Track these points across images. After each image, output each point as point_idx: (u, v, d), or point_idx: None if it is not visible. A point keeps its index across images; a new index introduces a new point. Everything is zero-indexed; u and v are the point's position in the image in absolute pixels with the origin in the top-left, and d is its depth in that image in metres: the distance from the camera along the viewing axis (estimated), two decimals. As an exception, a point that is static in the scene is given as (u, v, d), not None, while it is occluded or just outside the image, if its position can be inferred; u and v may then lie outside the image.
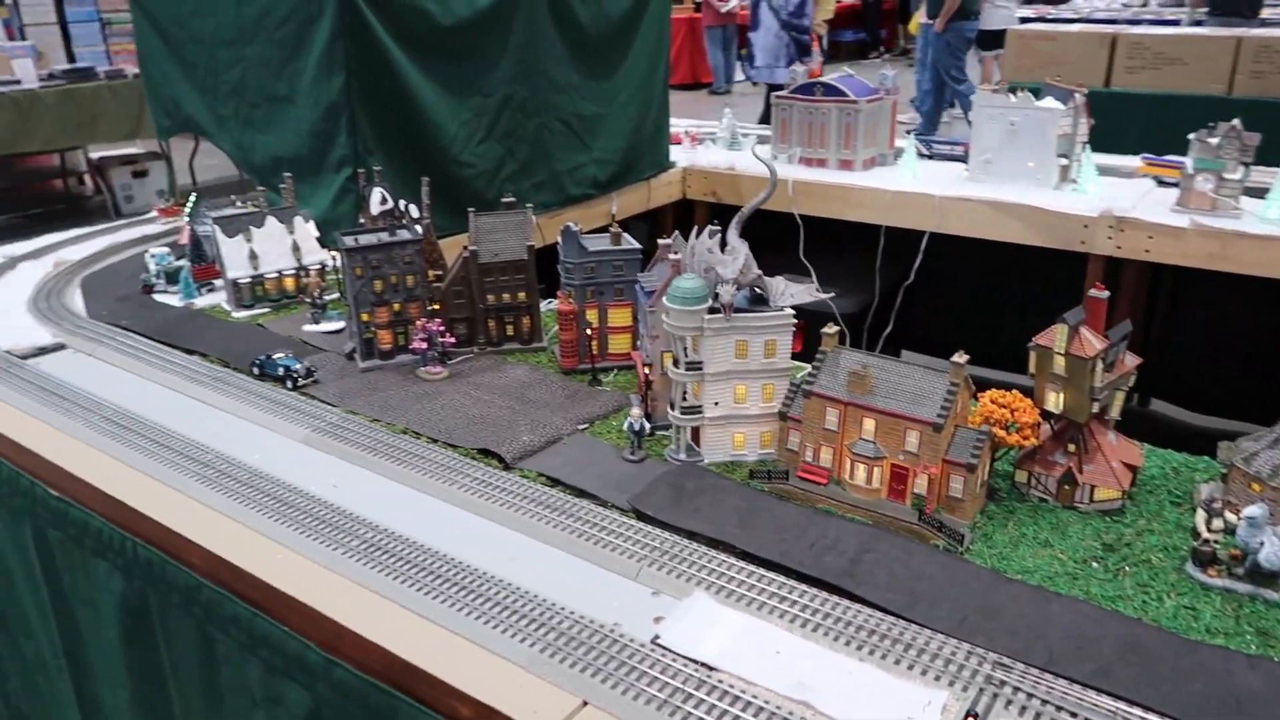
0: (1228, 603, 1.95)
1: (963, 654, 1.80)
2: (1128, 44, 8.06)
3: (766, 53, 10.37)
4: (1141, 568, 2.05)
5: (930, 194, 5.09)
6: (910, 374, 2.25)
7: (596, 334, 3.00)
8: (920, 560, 2.07)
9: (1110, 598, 1.96)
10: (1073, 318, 2.19)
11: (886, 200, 5.22)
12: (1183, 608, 1.93)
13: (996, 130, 5.10)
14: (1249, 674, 1.75)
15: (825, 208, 5.46)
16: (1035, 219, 4.77)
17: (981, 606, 1.93)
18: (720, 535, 2.17)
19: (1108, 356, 2.21)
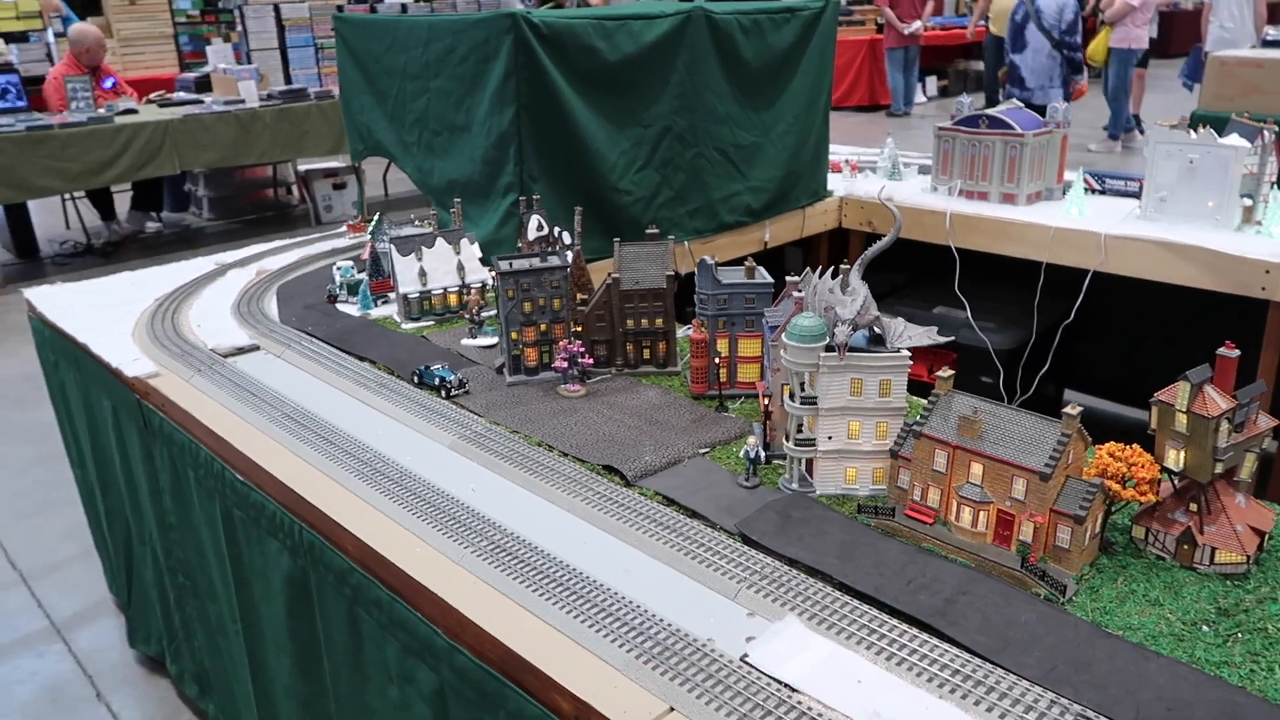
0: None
1: (1045, 703, 1.83)
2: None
3: (1038, 74, 10.28)
4: (1256, 636, 2.00)
5: (1096, 231, 4.93)
6: (1022, 421, 2.27)
7: (726, 362, 3.13)
8: (1017, 607, 2.09)
9: (1215, 663, 1.93)
10: (1196, 375, 2.16)
11: (1048, 236, 5.10)
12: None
13: (1174, 167, 4.89)
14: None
15: (984, 242, 5.38)
16: (1210, 262, 4.55)
17: (1074, 658, 1.94)
18: (819, 565, 2.26)
19: (1235, 416, 2.16)
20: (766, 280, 3.09)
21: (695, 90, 5.00)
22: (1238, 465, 2.24)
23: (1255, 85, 7.95)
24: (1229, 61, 8.30)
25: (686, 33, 4.82)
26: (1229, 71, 8.19)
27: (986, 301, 5.57)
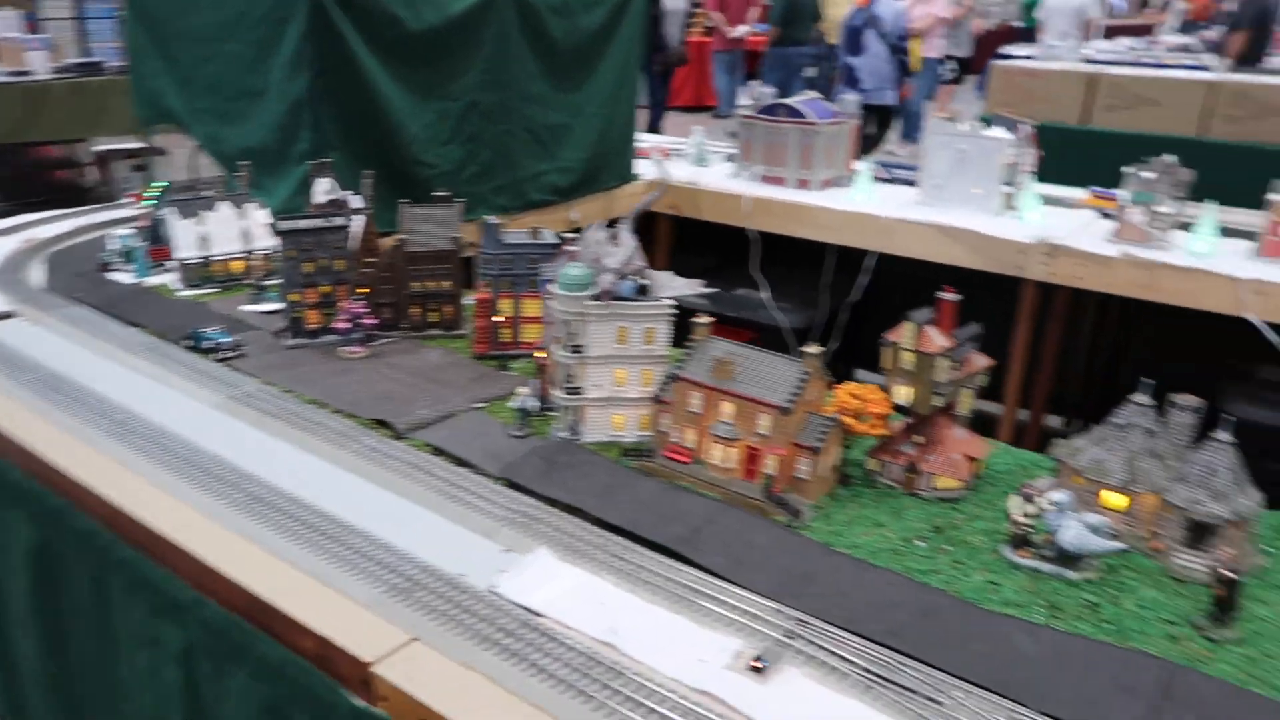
0: (1031, 580, 2.08)
1: (768, 611, 1.94)
2: (1107, 84, 8.22)
3: (876, 76, 10.90)
4: (961, 548, 2.19)
5: (879, 215, 5.24)
6: (772, 363, 2.40)
7: (510, 323, 3.16)
8: (757, 532, 2.22)
9: (924, 571, 2.10)
10: (920, 316, 2.34)
11: (838, 220, 5.38)
12: (988, 583, 2.07)
13: (947, 157, 5.26)
14: (1026, 639, 1.89)
15: (780, 224, 5.62)
16: (976, 243, 4.92)
17: (801, 574, 2.07)
18: (578, 503, 2.31)
19: (954, 355, 2.35)
20: (550, 240, 3.14)
21: (504, 67, 5.00)
22: (957, 400, 2.44)
23: (1033, 93, 8.68)
24: (1010, 71, 9.02)
25: (494, 8, 4.82)
26: (1010, 80, 8.90)
27: (784, 283, 5.84)
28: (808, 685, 1.76)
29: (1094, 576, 2.08)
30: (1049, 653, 1.84)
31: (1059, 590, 2.03)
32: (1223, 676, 1.82)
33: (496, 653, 1.81)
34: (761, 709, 1.69)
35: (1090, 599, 2.02)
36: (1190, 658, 1.86)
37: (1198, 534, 2.09)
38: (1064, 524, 2.05)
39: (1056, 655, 1.84)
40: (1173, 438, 2.21)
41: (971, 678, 1.77)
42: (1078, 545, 2.04)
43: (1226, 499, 2.08)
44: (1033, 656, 1.82)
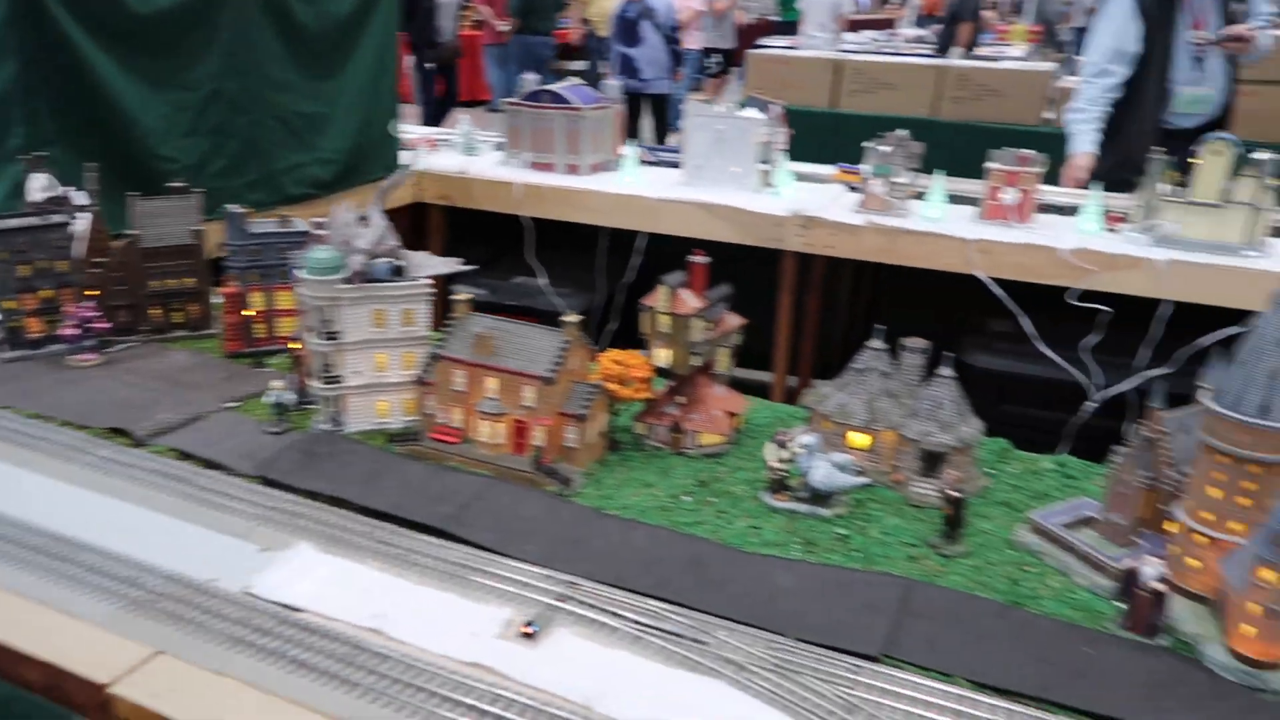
0: (789, 521, 2.19)
1: (539, 578, 1.94)
2: (850, 70, 8.79)
3: (654, 65, 11.04)
4: (725, 498, 2.27)
5: (647, 197, 5.35)
6: (532, 335, 2.39)
7: (262, 317, 2.98)
8: (527, 504, 2.20)
9: (690, 524, 2.16)
10: (673, 280, 2.40)
11: (608, 203, 5.45)
12: (750, 528, 2.16)
13: (706, 138, 5.45)
14: (785, 574, 1.98)
15: (553, 210, 5.64)
16: (737, 219, 5.13)
17: (571, 539, 2.08)
18: (340, 493, 2.22)
19: (707, 315, 2.43)
20: (300, 228, 2.99)
21: (247, 53, 4.71)
22: (714, 359, 2.53)
23: (786, 80, 9.15)
24: (764, 59, 9.47)
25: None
26: (765, 68, 9.35)
27: (561, 268, 5.87)
28: (578, 643, 1.77)
29: (844, 511, 2.22)
30: (804, 584, 1.95)
31: (814, 527, 2.15)
32: (954, 586, 1.98)
33: (252, 654, 1.71)
34: (533, 672, 1.69)
35: (841, 532, 2.15)
36: (927, 573, 2.02)
37: (930, 463, 2.28)
38: (814, 465, 2.17)
39: (811, 586, 1.94)
40: (905, 378, 2.39)
41: (734, 616, 1.85)
42: (827, 483, 2.17)
43: (952, 428, 2.28)
44: (790, 589, 1.92)
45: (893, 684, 1.70)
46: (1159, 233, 4.34)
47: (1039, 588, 1.99)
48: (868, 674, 1.72)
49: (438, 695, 1.63)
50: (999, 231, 4.70)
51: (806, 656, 1.76)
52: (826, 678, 1.70)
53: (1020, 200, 4.75)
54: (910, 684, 1.70)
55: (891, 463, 2.33)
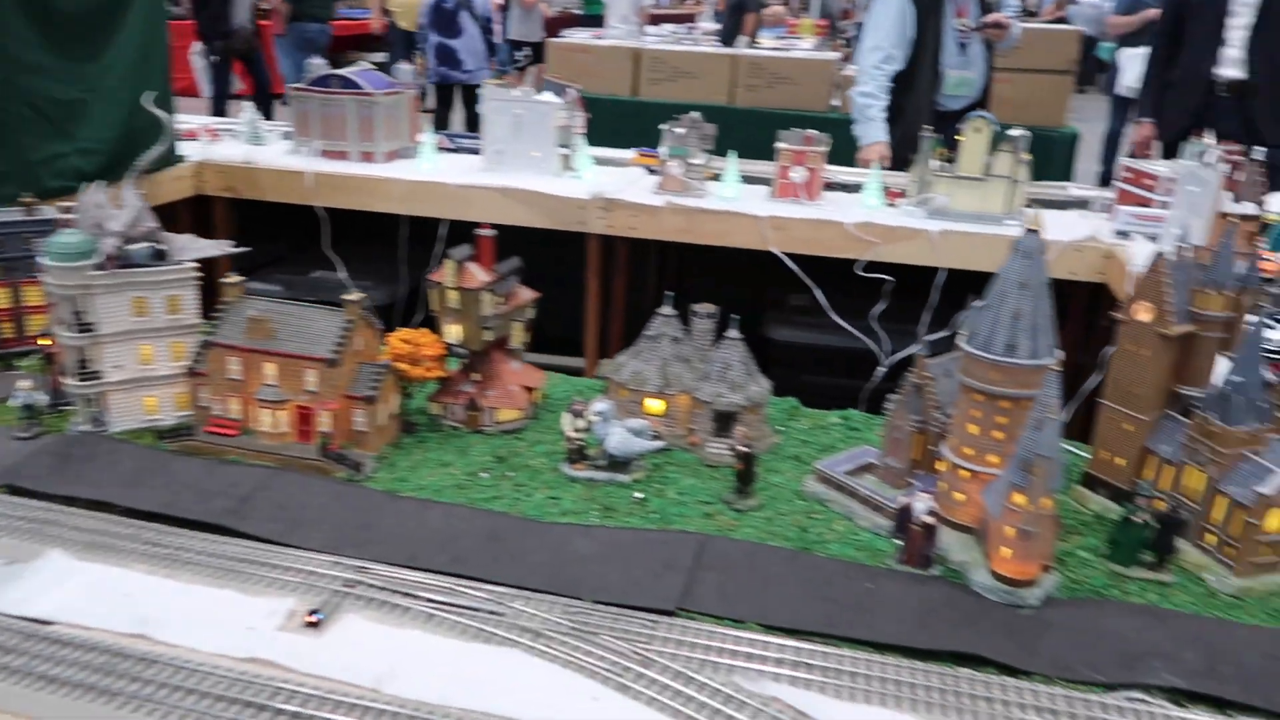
0: (588, 489, 2.18)
1: (325, 566, 1.84)
2: (649, 59, 8.93)
3: (475, 56, 10.83)
4: (523, 472, 2.24)
5: (447, 183, 5.23)
6: (312, 316, 2.27)
7: (9, 315, 2.69)
8: (314, 492, 2.09)
9: (487, 499, 2.12)
10: (459, 254, 2.34)
11: (406, 190, 5.29)
12: (549, 499, 2.13)
13: (505, 122, 5.37)
14: (583, 541, 1.98)
15: (349, 199, 5.41)
16: (539, 203, 5.09)
17: (361, 524, 1.99)
18: (102, 496, 2.03)
19: (497, 288, 2.38)
20: (48, 215, 2.71)
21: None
22: (508, 334, 2.49)
23: (588, 68, 9.19)
24: (565, 47, 9.48)
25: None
26: (566, 56, 9.36)
27: (361, 260, 5.65)
28: (368, 627, 1.70)
29: (641, 476, 2.24)
30: (602, 549, 1.95)
31: (612, 494, 2.16)
32: (747, 538, 2.04)
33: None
34: (318, 661, 1.60)
35: (639, 495, 2.16)
36: (722, 529, 2.07)
37: (723, 423, 2.33)
38: (609, 432, 2.17)
39: (608, 550, 1.95)
40: (696, 343, 2.44)
41: (532, 585, 1.82)
42: (623, 449, 2.18)
43: (742, 388, 2.34)
44: (588, 555, 1.92)
45: (688, 635, 1.72)
46: (931, 206, 4.64)
47: (825, 533, 2.08)
48: (664, 628, 1.74)
49: (211, 695, 1.52)
50: (790, 209, 4.89)
51: (604, 617, 1.76)
52: (623, 636, 1.70)
53: (808, 178, 4.96)
54: (705, 633, 1.73)
55: (687, 426, 2.37)
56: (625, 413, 2.28)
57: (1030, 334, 1.88)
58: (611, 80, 8.69)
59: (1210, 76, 5.89)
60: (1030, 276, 1.88)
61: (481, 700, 1.54)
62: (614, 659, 1.63)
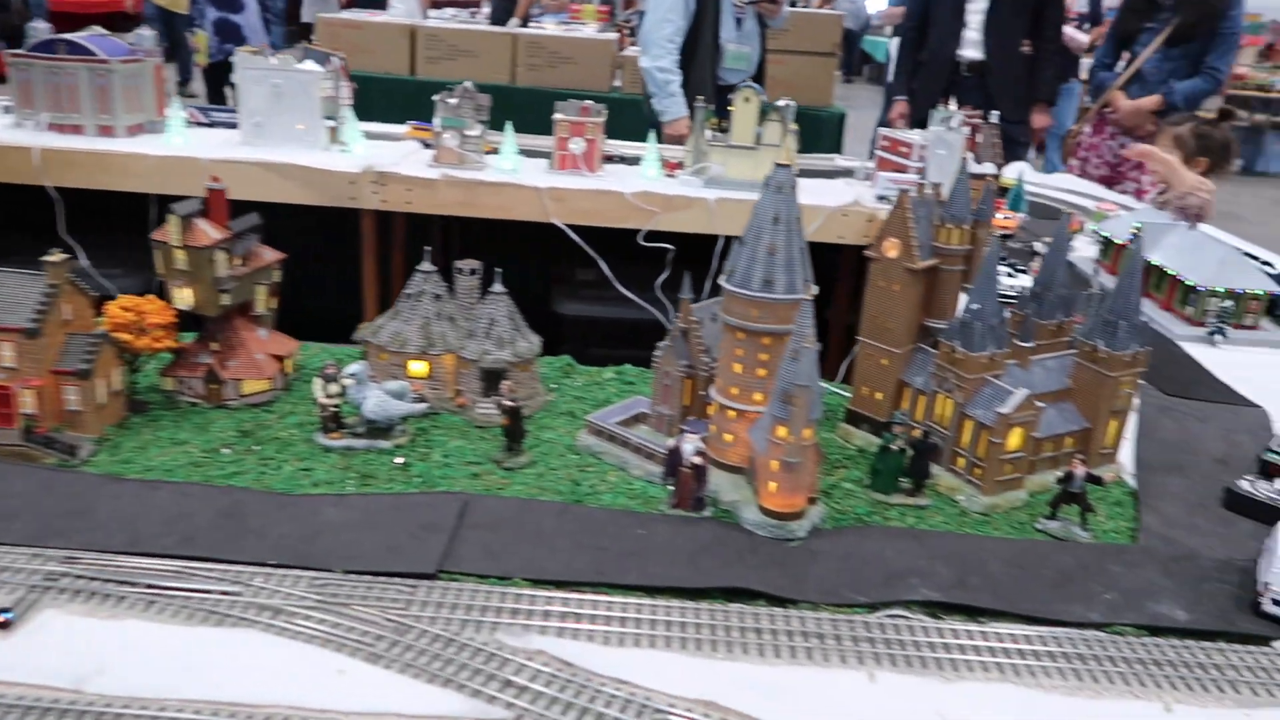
0: (345, 458, 2.01)
1: (22, 560, 1.58)
2: (425, 36, 8.63)
3: (257, 33, 10.08)
4: (272, 445, 2.04)
5: (200, 159, 4.80)
6: (7, 282, 1.96)
7: None
8: (16, 481, 1.82)
9: (227, 475, 1.91)
10: (184, 209, 2.09)
11: (153, 167, 4.82)
12: (300, 470, 1.95)
13: (263, 92, 5.00)
14: (334, 510, 1.81)
15: (87, 178, 4.88)
16: (306, 178, 4.77)
17: (71, 511, 1.75)
18: None
19: (233, 247, 2.15)
20: None
21: None
22: (251, 299, 2.26)
23: (360, 45, 8.77)
24: (334, 23, 9.01)
25: None
26: (336, 33, 8.89)
27: (106, 245, 5.11)
28: (71, 622, 1.48)
29: (405, 441, 2.09)
30: (356, 516, 1.80)
31: (373, 461, 2.00)
32: (518, 495, 1.94)
33: None
34: (7, 666, 1.36)
35: (401, 461, 2.02)
36: (490, 488, 1.96)
37: (491, 381, 2.22)
38: (365, 396, 2.02)
39: (363, 517, 1.80)
40: (460, 301, 2.31)
41: (274, 560, 1.64)
42: (381, 413, 2.03)
43: (509, 344, 2.23)
44: (340, 524, 1.76)
45: (449, 596, 1.61)
46: (707, 175, 4.71)
47: (598, 484, 2.02)
48: (423, 592, 1.61)
49: None
50: (570, 180, 4.83)
51: (357, 587, 1.62)
52: (376, 604, 1.57)
53: (587, 150, 4.92)
54: (468, 594, 1.62)
55: (454, 387, 2.24)
56: (387, 377, 2.13)
57: (786, 269, 1.89)
58: (387, 58, 8.35)
59: (955, 57, 6.33)
60: (782, 210, 1.88)
61: (209, 688, 1.37)
62: (364, 629, 1.50)
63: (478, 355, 2.17)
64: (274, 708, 1.32)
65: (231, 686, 1.38)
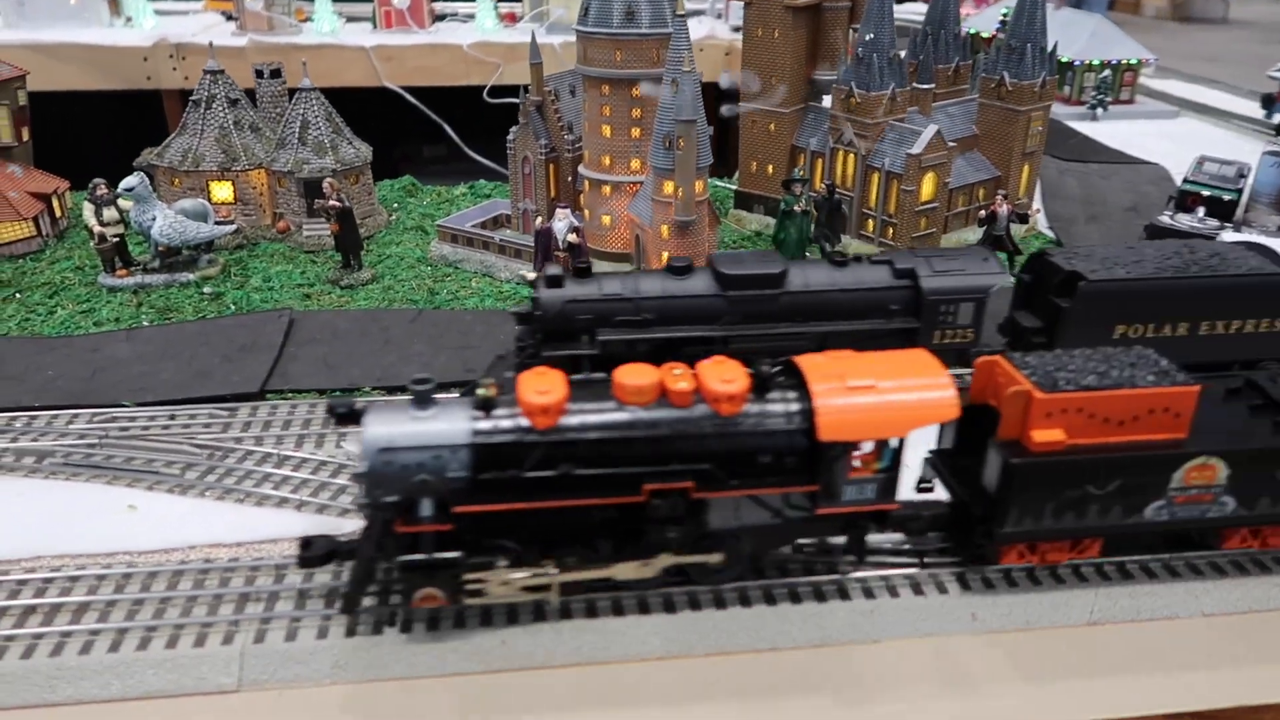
0: (139, 296, 1.60)
1: None
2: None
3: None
4: (40, 291, 1.61)
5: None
6: None
7: None
8: None
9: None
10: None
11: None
12: (77, 314, 1.53)
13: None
14: (123, 346, 1.41)
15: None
16: (91, 59, 4.08)
17: None
18: None
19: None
20: None
21: None
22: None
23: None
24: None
25: None
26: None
27: None
28: None
29: (214, 273, 1.69)
30: (153, 350, 1.41)
31: (174, 295, 1.61)
32: (363, 308, 1.58)
33: None
34: None
35: (210, 291, 1.62)
36: (325, 307, 1.59)
37: (314, 196, 1.82)
38: (150, 215, 1.59)
39: (163, 349, 1.41)
40: (265, 109, 1.88)
41: (36, 403, 1.25)
42: (175, 235, 1.61)
43: (331, 151, 1.83)
44: (131, 358, 1.36)
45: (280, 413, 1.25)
46: (549, 20, 4.28)
47: (460, 291, 1.68)
48: (246, 413, 1.25)
49: None
50: (399, 37, 4.30)
51: (156, 418, 1.24)
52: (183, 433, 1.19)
53: (412, 3, 4.38)
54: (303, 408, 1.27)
55: (272, 210, 1.83)
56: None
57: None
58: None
59: None
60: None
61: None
62: (167, 460, 1.13)
63: (293, 166, 1.77)
64: (41, 558, 0.96)
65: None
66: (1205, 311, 2.83)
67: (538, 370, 1.66)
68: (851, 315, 2.63)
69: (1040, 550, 2.14)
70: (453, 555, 1.53)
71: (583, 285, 1.89)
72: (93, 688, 1.16)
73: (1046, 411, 1.95)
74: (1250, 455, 2.14)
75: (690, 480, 1.71)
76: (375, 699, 1.27)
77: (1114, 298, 2.77)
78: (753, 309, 2.52)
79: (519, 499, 1.61)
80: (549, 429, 1.64)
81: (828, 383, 1.79)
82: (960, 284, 2.69)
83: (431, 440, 1.55)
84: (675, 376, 1.72)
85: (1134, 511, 2.14)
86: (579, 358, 2.27)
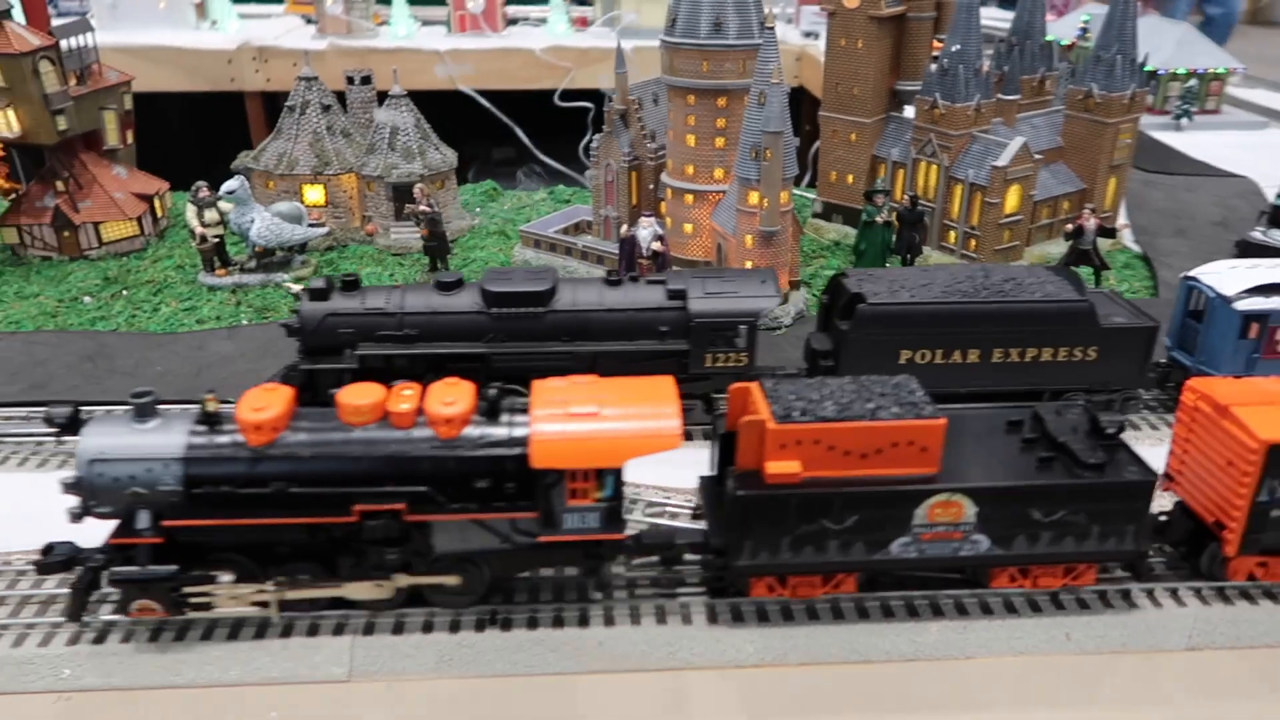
0: (237, 295, 1.66)
1: None
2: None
3: None
4: (145, 288, 1.69)
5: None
6: None
7: None
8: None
9: (90, 322, 1.56)
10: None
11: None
12: (180, 311, 1.61)
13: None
14: (224, 342, 1.47)
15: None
16: (178, 62, 4.23)
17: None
18: None
19: (66, 62, 1.73)
20: None
21: None
22: (100, 126, 1.86)
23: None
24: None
25: None
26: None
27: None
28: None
29: (307, 273, 1.74)
30: (254, 348, 1.47)
31: (271, 295, 1.67)
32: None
33: None
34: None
35: (296, 288, 1.67)
36: (414, 309, 1.62)
37: (403, 200, 1.87)
38: (250, 218, 1.65)
39: (263, 345, 1.47)
40: (355, 114, 1.94)
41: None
42: (271, 237, 1.67)
43: (419, 156, 1.88)
44: (234, 354, 1.42)
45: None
46: (621, 24, 4.31)
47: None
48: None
49: None
50: (472, 41, 4.38)
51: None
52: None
53: (486, 7, 4.45)
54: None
55: (361, 214, 1.88)
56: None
57: (738, 9, 1.56)
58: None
59: None
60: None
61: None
62: None
63: (383, 170, 1.82)
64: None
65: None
66: (999, 339, 2.49)
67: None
68: (621, 336, 2.37)
69: (790, 583, 2.01)
70: (166, 569, 1.49)
71: (347, 298, 1.82)
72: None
73: (780, 443, 1.84)
74: (996, 493, 1.97)
75: (403, 502, 1.66)
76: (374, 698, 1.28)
77: (894, 321, 2.45)
78: (518, 327, 2.29)
79: (233, 515, 1.58)
80: (262, 445, 1.60)
81: (549, 408, 1.72)
82: (730, 307, 2.35)
83: (144, 453, 1.48)
84: (401, 397, 1.68)
85: (878, 547, 2.01)
86: (340, 371, 2.17)
